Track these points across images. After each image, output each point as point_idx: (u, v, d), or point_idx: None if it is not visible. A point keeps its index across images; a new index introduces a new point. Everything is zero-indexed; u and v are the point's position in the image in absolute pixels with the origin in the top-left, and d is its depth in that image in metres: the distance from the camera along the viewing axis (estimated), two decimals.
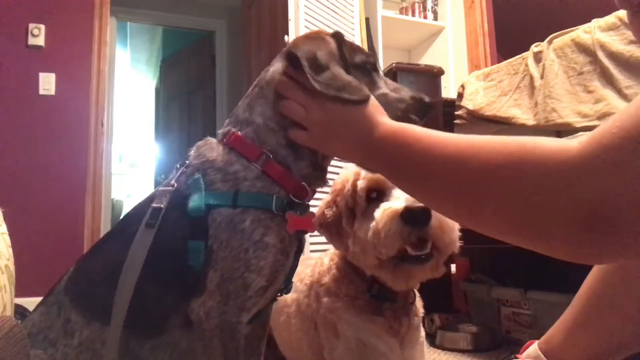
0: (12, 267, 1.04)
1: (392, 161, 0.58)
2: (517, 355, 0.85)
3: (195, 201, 0.65)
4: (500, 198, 0.44)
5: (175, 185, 0.68)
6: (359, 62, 0.71)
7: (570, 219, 0.39)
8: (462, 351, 1.51)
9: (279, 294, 0.75)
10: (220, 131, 0.73)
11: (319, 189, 0.74)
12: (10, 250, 1.05)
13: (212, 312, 0.63)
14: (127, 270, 0.64)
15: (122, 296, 0.63)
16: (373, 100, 0.64)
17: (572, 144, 0.41)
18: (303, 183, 0.69)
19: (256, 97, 0.73)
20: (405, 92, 0.72)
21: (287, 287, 0.75)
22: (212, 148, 0.71)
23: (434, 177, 0.52)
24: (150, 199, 0.70)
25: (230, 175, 0.66)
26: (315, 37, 0.71)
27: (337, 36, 0.72)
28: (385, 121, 0.61)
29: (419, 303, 0.92)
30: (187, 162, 0.71)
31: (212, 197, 0.65)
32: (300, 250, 0.73)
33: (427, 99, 0.72)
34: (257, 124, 0.70)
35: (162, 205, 0.66)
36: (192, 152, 0.72)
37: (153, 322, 0.67)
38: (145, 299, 0.64)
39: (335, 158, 0.72)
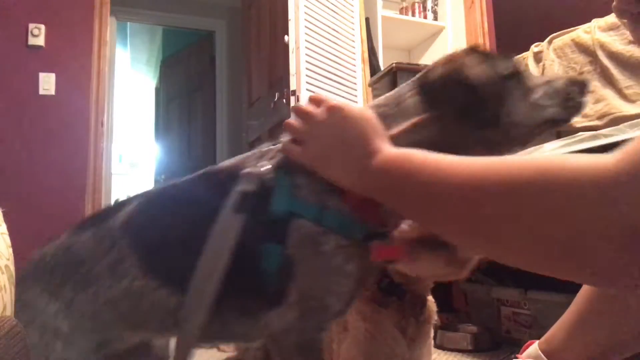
0: (12, 267, 1.04)
1: (394, 189, 0.54)
2: (517, 355, 0.85)
3: (280, 204, 0.61)
4: (531, 218, 0.40)
5: (262, 171, 0.63)
6: (509, 73, 0.65)
7: (610, 238, 0.36)
8: (462, 351, 1.51)
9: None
10: None
11: None
12: (10, 250, 1.05)
13: (291, 328, 0.60)
14: (214, 254, 0.59)
15: (210, 280, 0.59)
16: (374, 124, 0.60)
17: (605, 158, 0.38)
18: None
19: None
20: (559, 82, 0.66)
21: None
22: None
23: (445, 200, 0.48)
24: (226, 175, 0.66)
25: (320, 187, 0.62)
26: (467, 61, 0.64)
27: (478, 52, 0.66)
28: (384, 148, 0.57)
29: (433, 306, 0.93)
30: (272, 147, 0.67)
31: (298, 205, 0.61)
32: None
33: (580, 78, 0.68)
34: None
35: (252, 190, 0.61)
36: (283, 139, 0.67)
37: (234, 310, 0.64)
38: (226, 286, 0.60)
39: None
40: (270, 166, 0.64)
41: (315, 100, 0.64)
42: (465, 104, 0.62)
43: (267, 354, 0.99)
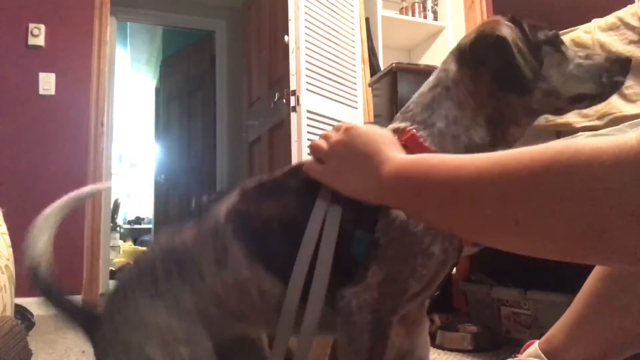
0: (12, 267, 1.05)
1: (412, 192, 0.55)
2: (518, 355, 0.85)
3: None
4: (552, 199, 0.40)
5: None
6: (544, 39, 0.67)
7: (633, 215, 0.36)
8: (462, 351, 1.50)
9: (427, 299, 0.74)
10: (390, 126, 0.70)
11: None
12: (10, 250, 1.06)
13: (365, 307, 0.61)
14: (324, 246, 0.62)
15: (324, 273, 0.61)
16: (386, 136, 0.63)
17: (626, 137, 0.38)
18: None
19: (440, 99, 0.68)
20: (599, 57, 0.68)
21: (434, 293, 0.73)
22: None
23: (466, 196, 0.48)
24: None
25: None
26: (502, 24, 0.68)
27: (516, 19, 0.69)
28: (395, 156, 0.58)
29: None
30: None
31: None
32: (457, 262, 0.71)
33: (622, 56, 0.69)
34: (437, 127, 0.66)
35: None
36: None
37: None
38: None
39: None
40: None
41: (336, 127, 0.68)
42: (498, 64, 0.64)
43: None
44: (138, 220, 6.65)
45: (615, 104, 1.39)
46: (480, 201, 0.47)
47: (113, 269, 4.90)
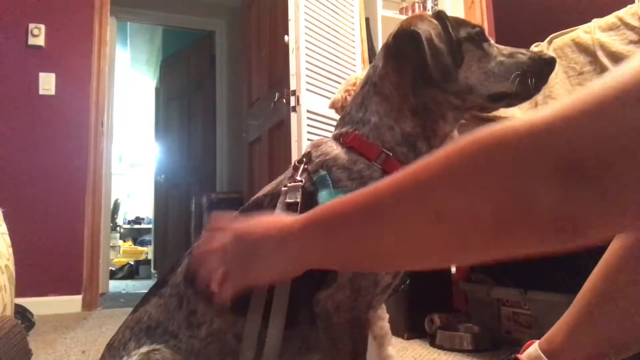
0: (12, 267, 1.05)
1: (328, 238, 0.51)
2: (518, 355, 0.85)
3: (326, 197, 0.65)
4: (472, 179, 0.40)
5: (303, 181, 0.68)
6: (466, 36, 0.69)
7: (549, 178, 0.35)
8: (462, 351, 1.51)
9: (397, 290, 0.75)
10: (334, 132, 0.74)
11: None
12: (10, 250, 1.06)
13: (342, 307, 0.63)
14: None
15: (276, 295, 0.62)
16: (270, 215, 0.62)
17: (537, 112, 0.38)
18: None
19: (369, 95, 0.72)
20: (522, 56, 0.69)
21: (404, 282, 0.75)
22: (331, 147, 0.71)
23: (384, 208, 0.46)
24: (271, 195, 0.70)
25: (356, 174, 0.67)
26: (422, 19, 0.70)
27: (440, 16, 0.71)
28: (292, 218, 0.55)
29: None
30: (304, 160, 0.71)
31: (343, 194, 0.62)
32: None
33: (547, 56, 0.69)
34: (373, 122, 0.70)
35: (298, 200, 0.65)
36: (311, 150, 0.72)
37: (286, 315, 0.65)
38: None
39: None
40: (305, 173, 0.69)
41: (214, 230, 0.64)
42: (415, 58, 0.67)
43: None
44: (138, 220, 6.66)
45: None
46: (399, 205, 0.44)
47: (113, 269, 4.92)
